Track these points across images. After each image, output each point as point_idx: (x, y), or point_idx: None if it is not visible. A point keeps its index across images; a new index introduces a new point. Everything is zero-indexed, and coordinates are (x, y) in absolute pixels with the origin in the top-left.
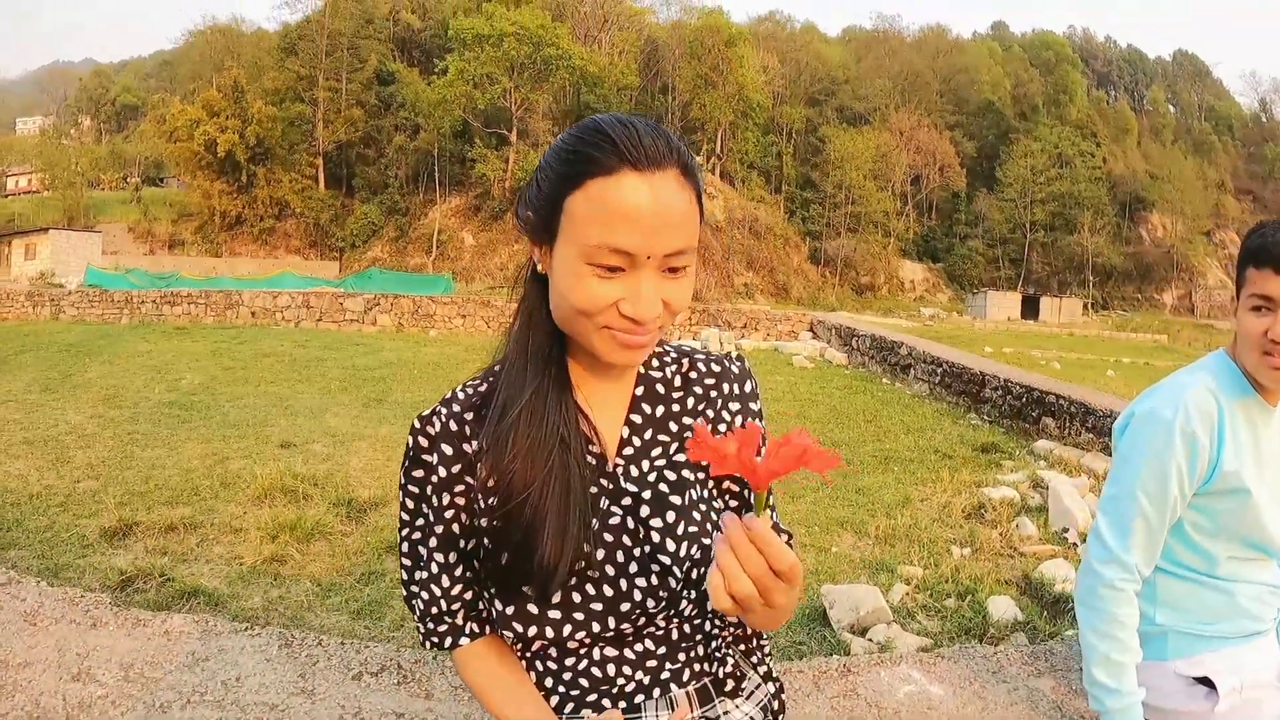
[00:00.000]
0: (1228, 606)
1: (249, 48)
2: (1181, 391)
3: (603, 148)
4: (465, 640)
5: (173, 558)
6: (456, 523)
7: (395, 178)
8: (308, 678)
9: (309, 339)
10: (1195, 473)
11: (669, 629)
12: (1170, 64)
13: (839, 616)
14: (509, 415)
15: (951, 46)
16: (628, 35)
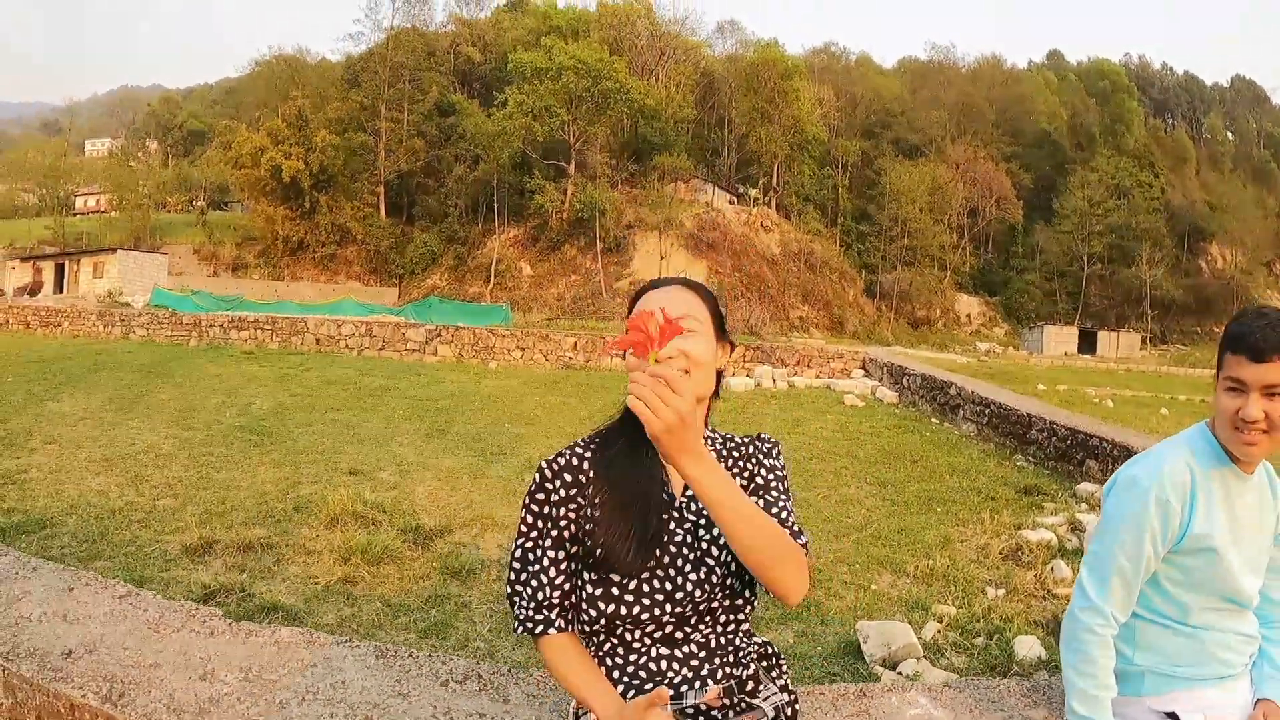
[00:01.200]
0: (1199, 652)
1: (313, 78)
2: (1160, 462)
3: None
4: (554, 631)
5: (251, 575)
6: (569, 530)
7: (455, 207)
8: (402, 683)
9: (372, 367)
10: (1168, 535)
11: (708, 638)
12: (1228, 90)
13: (871, 650)
14: (616, 451)
15: (1007, 77)
16: (684, 68)
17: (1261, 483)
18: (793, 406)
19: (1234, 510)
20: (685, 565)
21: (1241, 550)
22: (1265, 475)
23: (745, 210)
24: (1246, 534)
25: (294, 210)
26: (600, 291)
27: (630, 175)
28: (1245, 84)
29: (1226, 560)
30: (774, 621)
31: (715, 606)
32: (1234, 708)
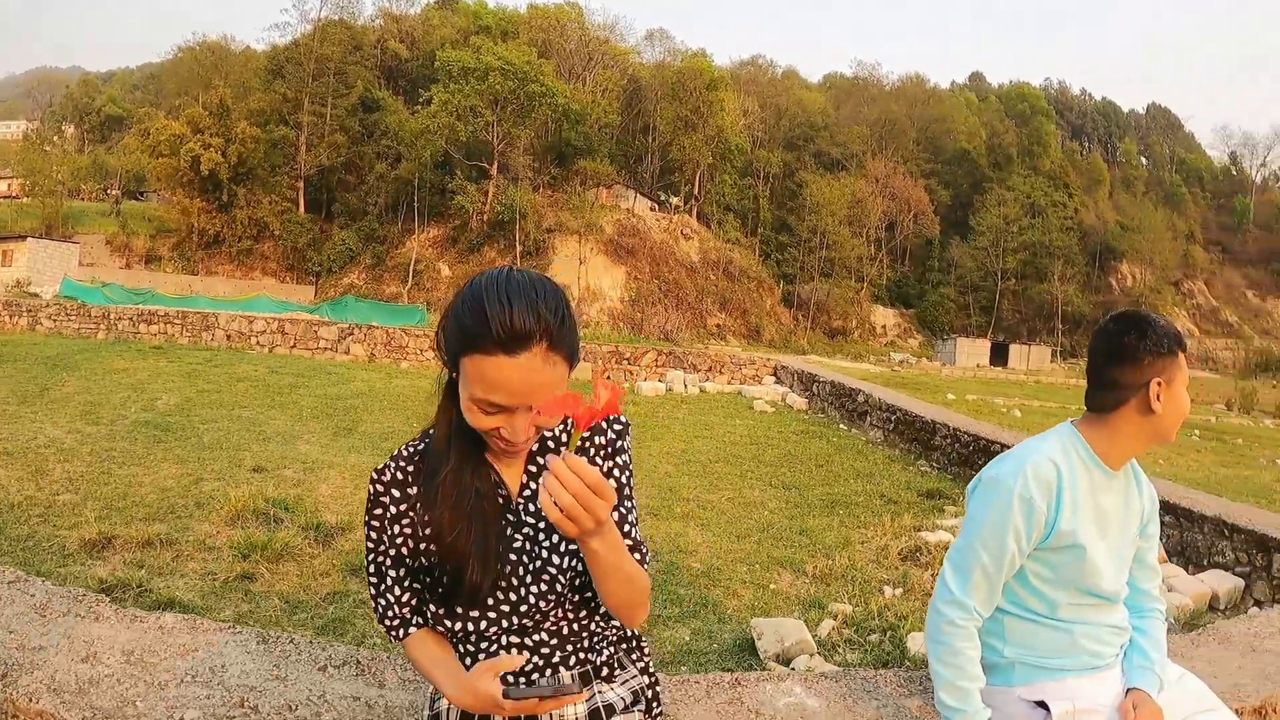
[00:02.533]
0: (1068, 644)
1: (236, 67)
2: (1024, 461)
3: (481, 332)
4: (412, 630)
5: (149, 571)
6: (405, 547)
7: (375, 205)
8: (281, 668)
9: (282, 365)
10: (1032, 532)
11: (560, 625)
12: (1144, 117)
13: (765, 647)
14: (437, 477)
15: (929, 96)
16: (611, 74)
17: (1128, 479)
18: (703, 411)
19: (1100, 507)
20: (526, 576)
21: (1108, 546)
22: (1130, 471)
23: (666, 217)
24: (1113, 530)
25: (211, 203)
26: None
27: (553, 179)
28: (1160, 111)
29: (1093, 556)
30: (671, 620)
31: (564, 606)
32: (1105, 697)
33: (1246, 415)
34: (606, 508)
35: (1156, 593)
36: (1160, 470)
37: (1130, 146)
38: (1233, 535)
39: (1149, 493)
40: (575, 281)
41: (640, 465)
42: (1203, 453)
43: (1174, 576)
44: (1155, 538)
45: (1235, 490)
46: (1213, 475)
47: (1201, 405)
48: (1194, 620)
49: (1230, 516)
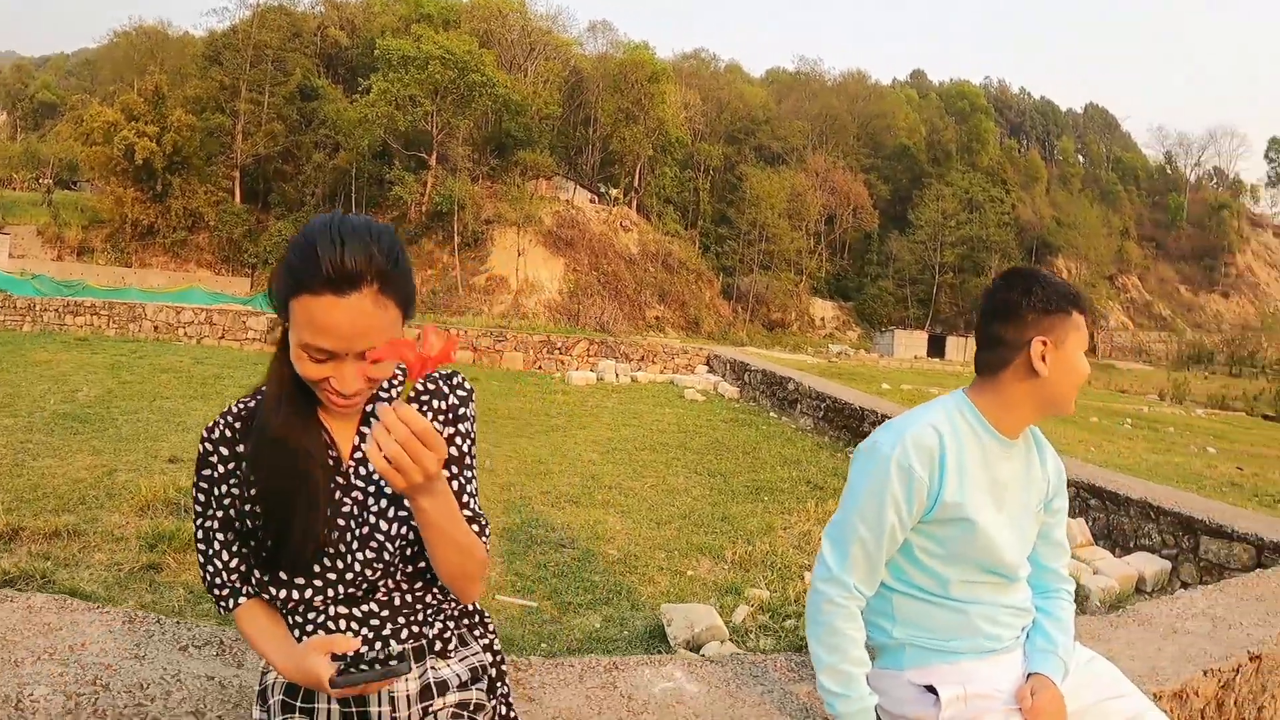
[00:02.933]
0: (962, 625)
1: (173, 53)
2: (905, 427)
3: (310, 272)
4: (242, 600)
5: (55, 562)
6: (233, 509)
7: (312, 195)
8: (142, 647)
9: (209, 356)
10: (913, 504)
11: (391, 596)
12: (1081, 116)
13: (675, 633)
14: (265, 434)
15: (870, 92)
16: (553, 65)
17: (1028, 448)
18: (633, 400)
19: (995, 478)
20: (354, 543)
21: (1006, 519)
22: (1032, 441)
23: (605, 209)
24: (1011, 502)
25: (145, 192)
26: (456, 287)
27: (492, 170)
28: (1098, 111)
29: (986, 531)
30: (582, 607)
31: (394, 574)
32: (1003, 682)
33: (1179, 405)
34: (436, 460)
35: (1064, 571)
36: (1091, 456)
37: (1068, 145)
38: (1159, 518)
39: (1054, 464)
40: (514, 274)
41: (565, 454)
42: (1134, 440)
43: (1100, 559)
44: (1062, 513)
45: (1165, 476)
46: (1143, 461)
47: (1135, 396)
48: (1119, 602)
49: (1156, 499)
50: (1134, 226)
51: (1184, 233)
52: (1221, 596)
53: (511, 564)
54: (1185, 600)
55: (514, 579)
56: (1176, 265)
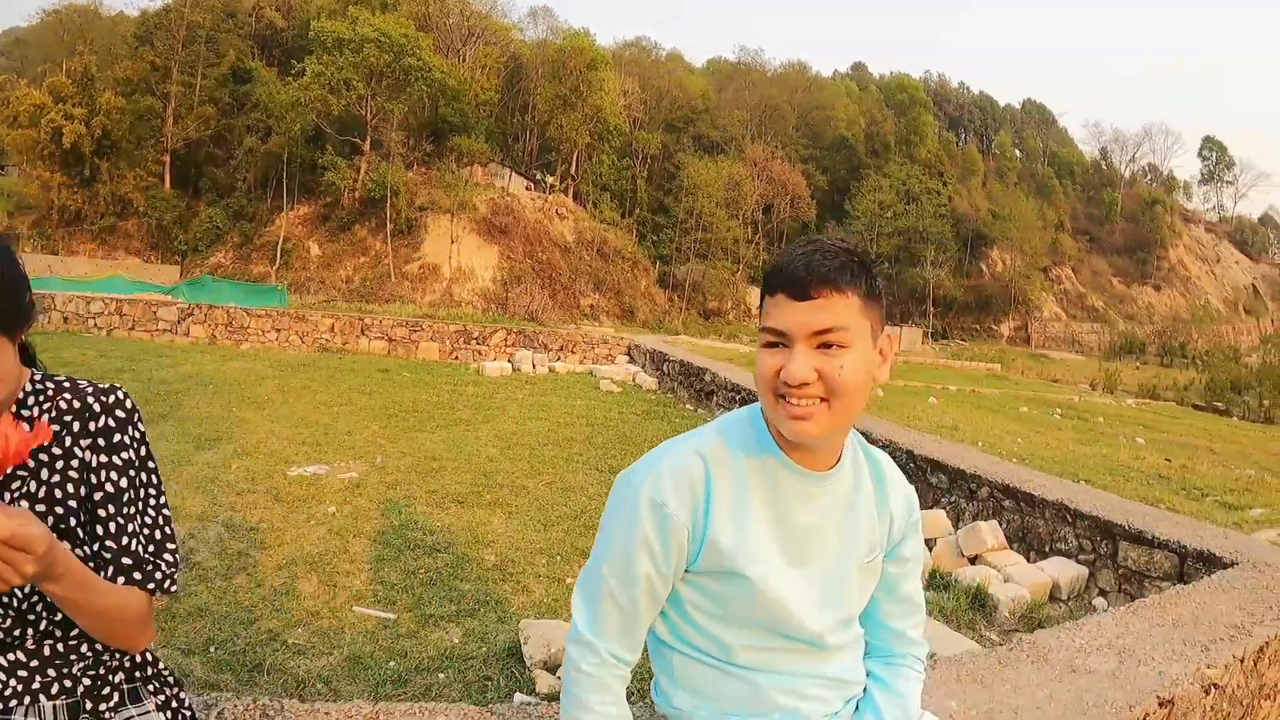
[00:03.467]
0: (752, 697)
1: (104, 33)
2: (664, 453)
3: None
4: None
5: None
6: None
7: (243, 181)
8: None
9: (115, 348)
10: (669, 549)
11: (40, 645)
12: (1019, 111)
13: (531, 653)
14: None
15: (810, 83)
16: (491, 51)
17: (857, 481)
18: (545, 392)
19: (792, 522)
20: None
21: (805, 576)
22: (866, 469)
23: (541, 197)
24: (818, 554)
25: (72, 177)
26: (389, 275)
27: (426, 156)
28: (1036, 107)
29: (771, 591)
30: (443, 620)
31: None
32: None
33: (1110, 395)
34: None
35: (914, 634)
36: (1016, 448)
37: (1005, 139)
38: (1076, 521)
39: (902, 501)
40: (447, 261)
41: (462, 449)
42: (1062, 430)
43: (1013, 565)
44: (915, 561)
45: (1092, 468)
46: (1069, 453)
47: (1066, 385)
48: (1030, 612)
49: (1073, 501)
50: (1069, 220)
51: (1118, 227)
52: (1134, 621)
53: (379, 571)
54: (1091, 628)
55: (378, 588)
56: (1110, 258)
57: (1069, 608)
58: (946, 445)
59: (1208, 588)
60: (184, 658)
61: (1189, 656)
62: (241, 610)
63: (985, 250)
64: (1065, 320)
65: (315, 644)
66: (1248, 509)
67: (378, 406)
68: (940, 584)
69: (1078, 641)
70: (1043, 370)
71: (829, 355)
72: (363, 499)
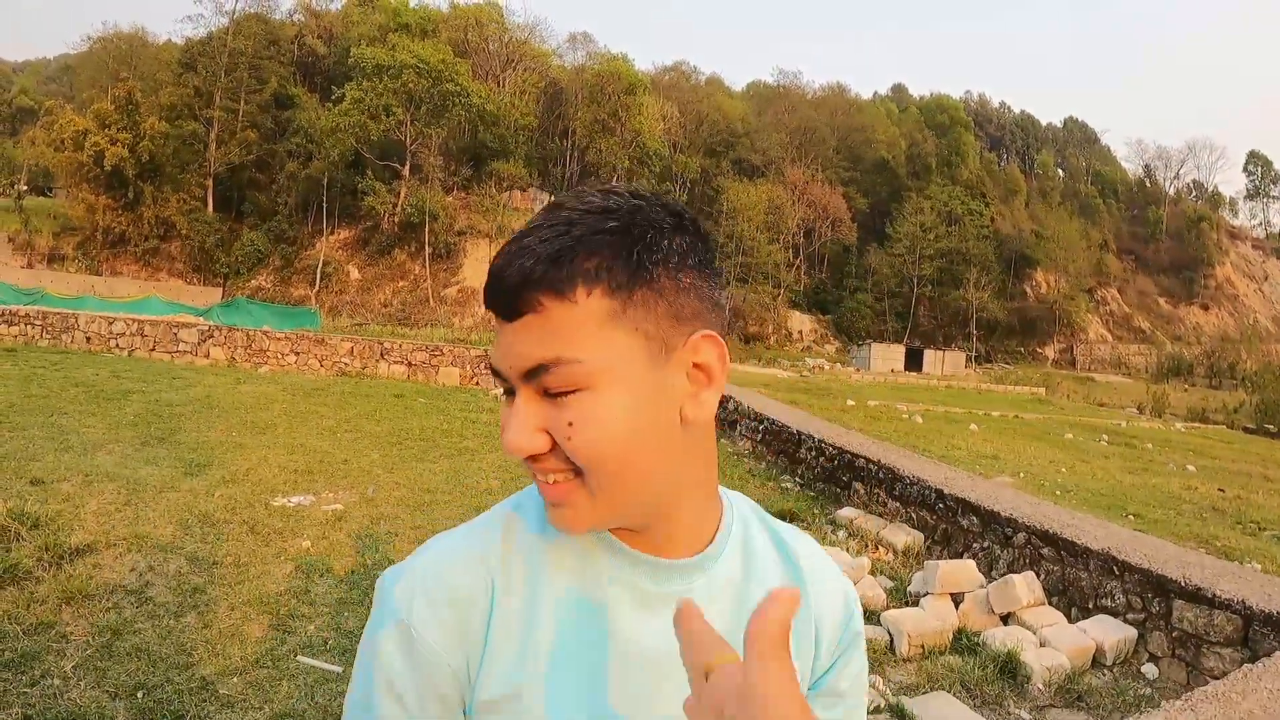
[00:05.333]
0: None
1: (148, 60)
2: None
3: None
4: None
5: None
6: None
7: (285, 205)
8: None
9: (131, 369)
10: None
11: None
12: (1060, 130)
13: None
14: None
15: (850, 105)
16: (530, 76)
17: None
18: None
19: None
20: None
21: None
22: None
23: None
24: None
25: (117, 200)
26: (428, 299)
27: (465, 181)
28: (1077, 125)
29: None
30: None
31: None
32: None
33: (1158, 419)
34: None
35: None
36: (1061, 479)
37: (1047, 158)
38: (1124, 574)
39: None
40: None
41: (462, 480)
42: (1110, 459)
43: (1050, 625)
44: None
45: (1140, 500)
46: (1117, 484)
47: (1113, 409)
48: (1069, 684)
49: (1121, 552)
50: (1113, 239)
51: (1163, 245)
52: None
53: (338, 616)
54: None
55: (331, 635)
56: (1155, 278)
57: (1114, 676)
58: (980, 483)
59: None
60: (110, 701)
61: None
62: (181, 653)
63: (1029, 271)
64: (1111, 342)
65: (247, 696)
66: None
67: (383, 433)
68: (966, 647)
69: None
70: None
71: (556, 406)
72: (342, 534)
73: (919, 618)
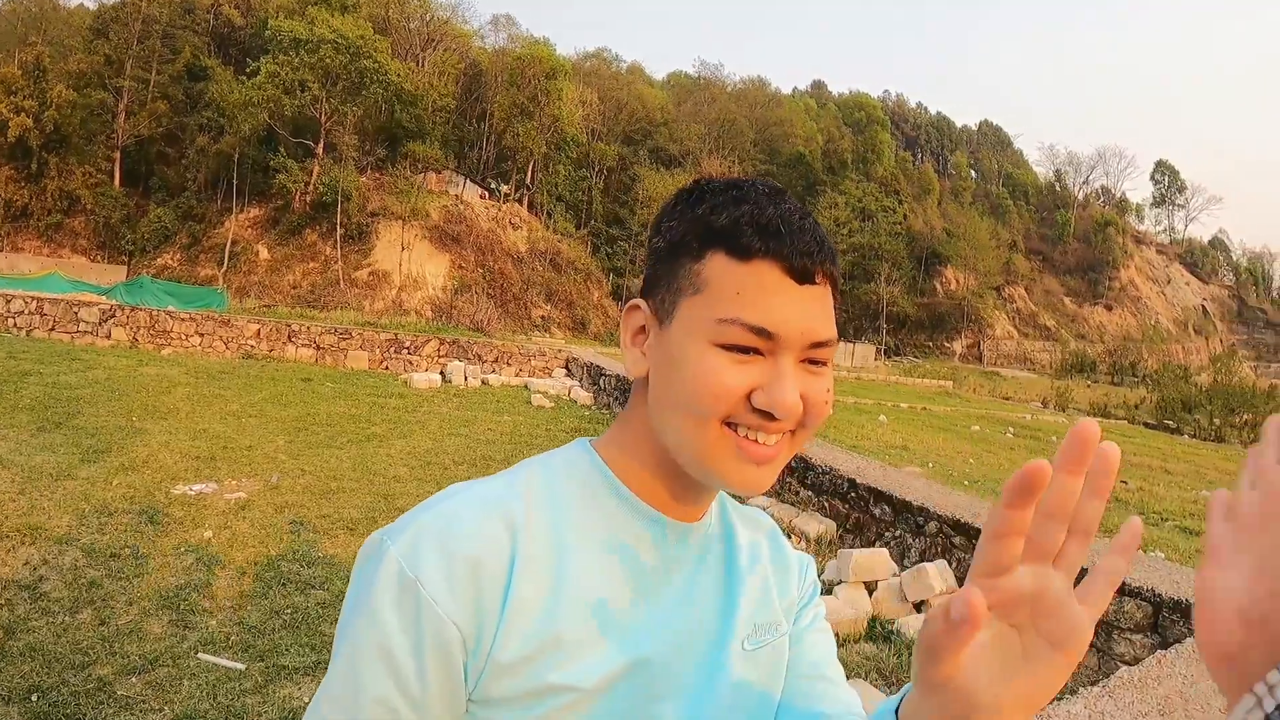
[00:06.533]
0: None
1: (58, 25)
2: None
3: None
4: None
5: None
6: None
7: (194, 181)
8: None
9: (29, 350)
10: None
11: None
12: (975, 132)
13: None
14: None
15: (770, 99)
16: (451, 57)
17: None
18: (473, 406)
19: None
20: None
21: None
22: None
23: (495, 206)
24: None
25: (19, 172)
26: (339, 281)
27: (380, 161)
28: (991, 128)
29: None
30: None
31: None
32: None
33: (1062, 413)
34: None
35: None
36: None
37: (961, 159)
38: None
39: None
40: (397, 269)
41: (369, 468)
42: (1015, 450)
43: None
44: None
45: None
46: None
47: (1019, 403)
48: None
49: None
50: (1022, 240)
51: (1070, 247)
52: (1111, 707)
53: (240, 610)
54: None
55: (233, 630)
56: (1062, 278)
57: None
58: (892, 473)
59: (1194, 654)
60: (2, 706)
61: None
62: (78, 652)
63: (939, 268)
64: (1017, 338)
65: (147, 697)
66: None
67: (290, 419)
68: (880, 635)
69: None
70: (995, 388)
71: (815, 374)
72: (244, 524)
73: (833, 606)
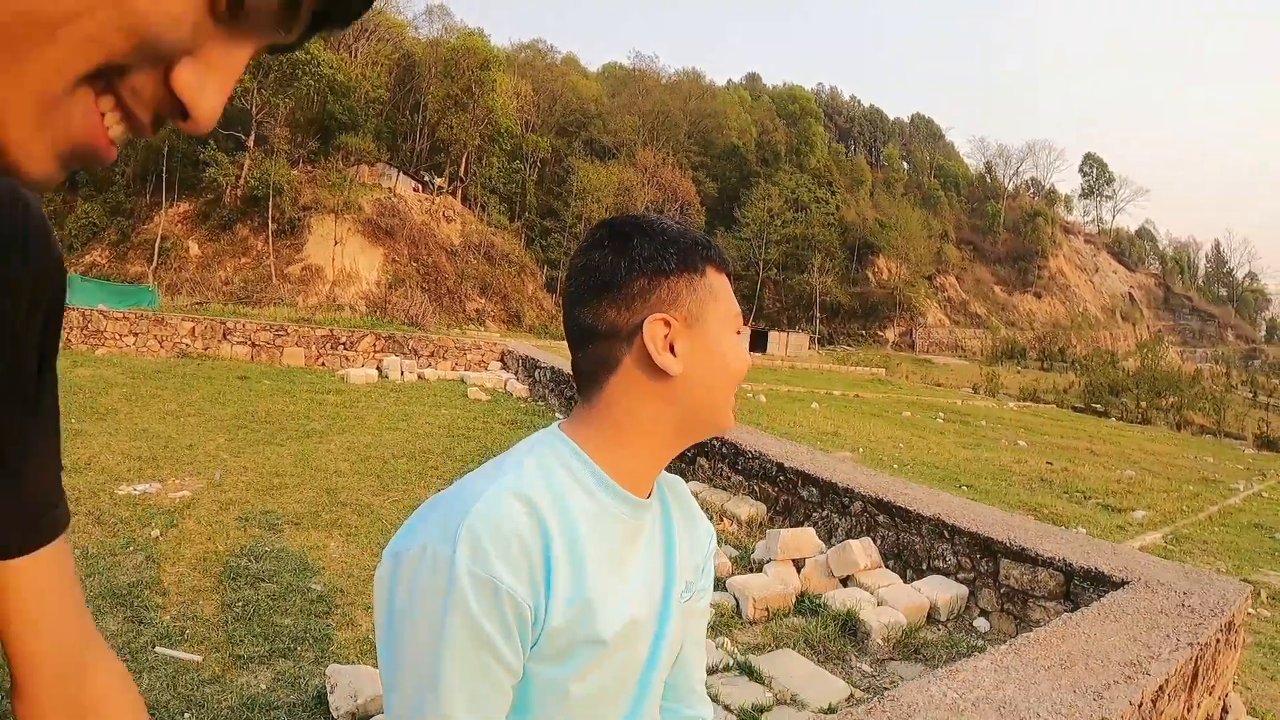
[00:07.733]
0: None
1: None
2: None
3: None
4: None
5: None
6: None
7: (122, 175)
8: None
9: None
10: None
11: None
12: (908, 125)
13: (338, 703)
14: None
15: (704, 91)
16: (384, 48)
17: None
18: (410, 400)
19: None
20: None
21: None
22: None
23: (429, 199)
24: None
25: None
26: (271, 277)
27: (312, 154)
28: (924, 121)
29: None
30: (252, 661)
31: None
32: None
33: (992, 398)
34: None
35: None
36: (899, 454)
37: (893, 151)
38: (954, 537)
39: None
40: (330, 263)
41: (310, 464)
42: (945, 435)
43: (887, 585)
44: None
45: (973, 473)
46: (952, 458)
47: (950, 389)
48: (906, 638)
49: (951, 517)
50: (953, 230)
51: (1000, 237)
52: (1016, 664)
53: (193, 605)
54: (967, 677)
55: (188, 624)
56: (992, 267)
57: (948, 630)
58: (820, 457)
59: (1097, 616)
60: None
61: (1081, 710)
62: None
63: (872, 258)
64: (949, 326)
65: None
66: (1130, 511)
67: (228, 417)
68: (809, 608)
69: (949, 696)
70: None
71: None
72: (191, 521)
73: (764, 583)
